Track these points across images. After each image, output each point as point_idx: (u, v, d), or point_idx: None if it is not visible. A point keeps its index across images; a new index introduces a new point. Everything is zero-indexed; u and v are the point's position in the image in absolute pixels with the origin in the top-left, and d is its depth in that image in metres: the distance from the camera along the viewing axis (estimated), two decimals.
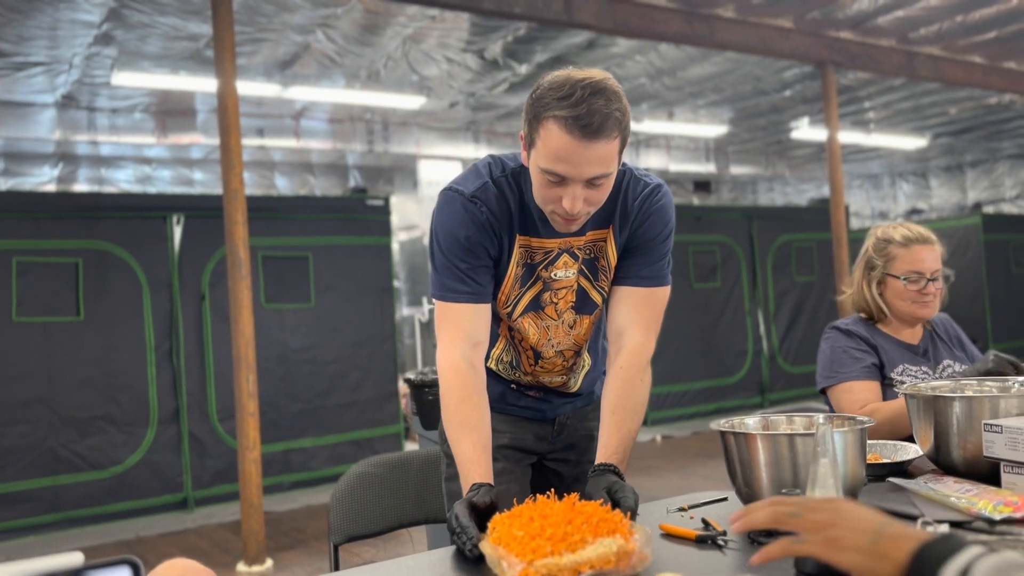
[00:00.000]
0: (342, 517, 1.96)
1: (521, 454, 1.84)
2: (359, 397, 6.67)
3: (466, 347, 1.63)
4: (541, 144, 1.47)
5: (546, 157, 1.47)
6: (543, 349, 1.75)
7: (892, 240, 2.36)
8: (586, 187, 1.49)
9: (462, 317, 1.63)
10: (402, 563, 1.41)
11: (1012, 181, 13.21)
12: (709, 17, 6.24)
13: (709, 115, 9.62)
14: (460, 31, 6.41)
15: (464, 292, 1.63)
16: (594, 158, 1.45)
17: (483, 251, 1.63)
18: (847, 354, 2.29)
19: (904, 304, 2.32)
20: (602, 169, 1.47)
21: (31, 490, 5.48)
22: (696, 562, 1.28)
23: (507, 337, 1.77)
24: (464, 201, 1.61)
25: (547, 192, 1.52)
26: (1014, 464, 1.48)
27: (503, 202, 1.63)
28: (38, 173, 8.89)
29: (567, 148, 1.44)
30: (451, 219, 1.62)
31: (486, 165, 1.66)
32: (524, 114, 1.53)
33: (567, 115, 1.42)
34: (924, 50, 7.44)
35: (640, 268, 1.70)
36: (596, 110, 1.42)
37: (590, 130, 1.42)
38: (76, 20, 5.66)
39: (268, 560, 4.70)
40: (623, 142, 1.50)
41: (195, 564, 1.09)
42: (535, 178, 1.54)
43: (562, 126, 1.43)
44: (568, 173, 1.47)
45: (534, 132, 1.49)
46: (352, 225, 6.77)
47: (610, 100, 1.44)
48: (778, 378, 9.44)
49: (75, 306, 5.74)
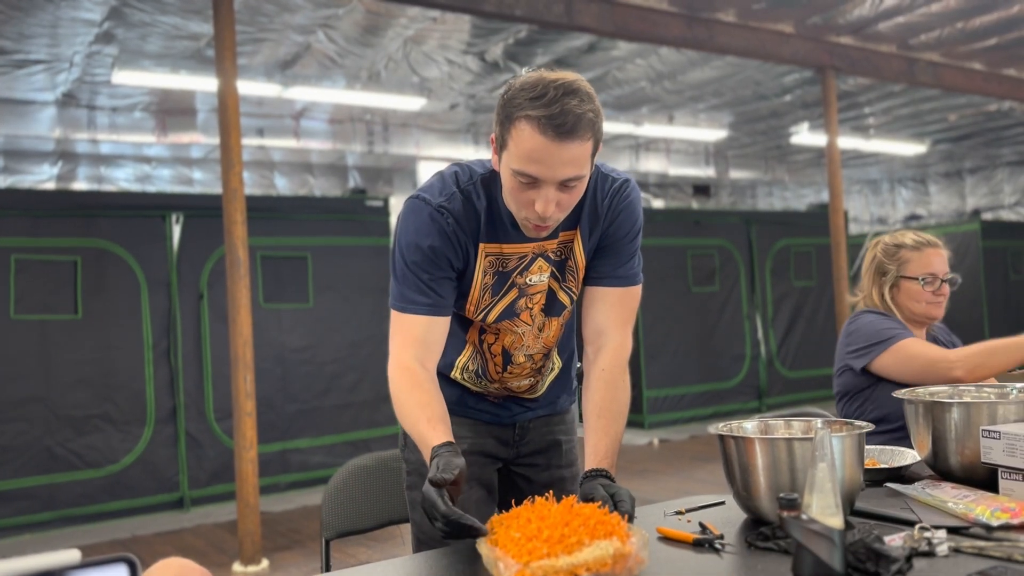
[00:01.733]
0: (334, 513, 1.97)
1: (484, 459, 1.78)
2: (356, 398, 6.67)
3: (418, 351, 1.60)
4: (513, 145, 1.44)
5: (519, 158, 1.44)
6: (515, 354, 1.72)
7: (904, 245, 2.41)
8: (559, 190, 1.46)
9: (416, 328, 1.59)
10: (398, 564, 1.41)
11: (1011, 188, 13.23)
12: (710, 21, 6.25)
13: (709, 119, 9.63)
14: (461, 33, 6.41)
15: (423, 304, 1.59)
16: (567, 159, 1.42)
17: (446, 263, 1.59)
18: (888, 322, 2.32)
19: (919, 306, 2.36)
20: (575, 171, 1.45)
21: (27, 488, 5.48)
22: (693, 565, 1.28)
23: (475, 344, 1.73)
24: (431, 211, 1.57)
25: (519, 196, 1.49)
26: (1012, 470, 1.48)
27: (470, 211, 1.59)
28: (37, 171, 8.88)
29: (540, 149, 1.41)
30: (416, 228, 1.57)
31: (452, 174, 1.62)
32: (495, 116, 1.49)
33: (540, 115, 1.39)
34: (924, 56, 7.45)
35: (615, 268, 1.68)
36: (569, 110, 1.39)
37: (563, 130, 1.39)
38: (77, 18, 5.66)
39: (264, 560, 4.69)
40: (596, 144, 1.48)
41: (191, 563, 1.09)
42: (507, 182, 1.50)
43: (535, 126, 1.40)
44: (541, 174, 1.43)
45: (506, 133, 1.46)
46: (351, 226, 6.77)
47: (583, 101, 1.41)
48: (776, 382, 9.44)
49: (73, 304, 5.73)
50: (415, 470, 1.75)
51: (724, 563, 1.28)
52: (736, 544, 1.37)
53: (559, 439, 1.86)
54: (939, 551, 1.24)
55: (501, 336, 1.69)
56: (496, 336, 1.70)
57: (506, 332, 1.69)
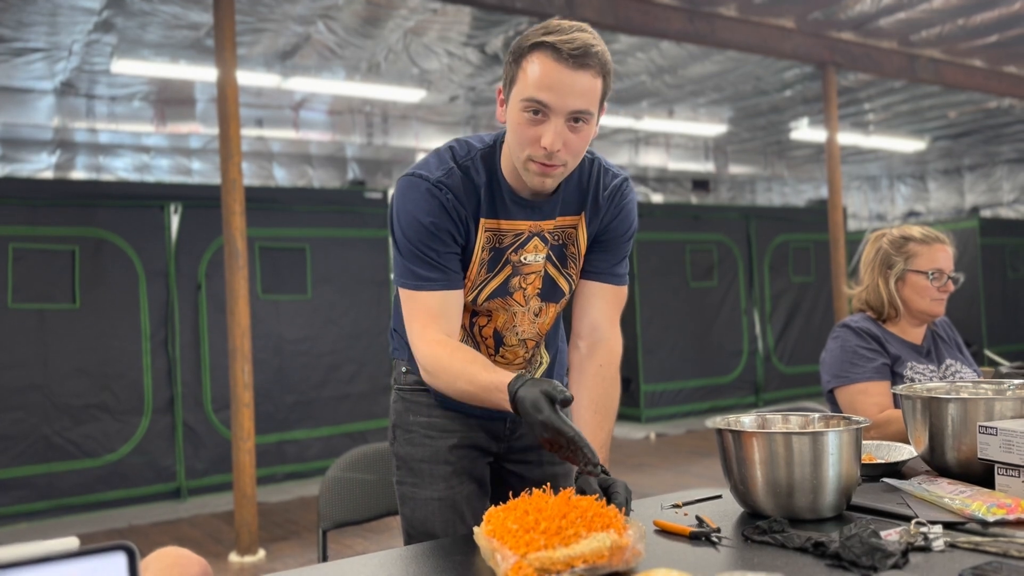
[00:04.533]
0: (331, 504, 1.97)
1: (475, 453, 1.75)
2: (354, 390, 6.67)
3: (441, 325, 1.56)
4: (524, 77, 1.46)
5: (531, 85, 1.44)
6: (507, 336, 1.69)
7: (912, 238, 2.39)
8: (567, 125, 1.46)
9: (433, 304, 1.56)
10: (394, 554, 1.41)
11: (1010, 185, 13.23)
12: (711, 16, 6.24)
13: (709, 114, 9.62)
14: (461, 25, 6.40)
15: (435, 280, 1.56)
16: (579, 89, 1.44)
17: (450, 238, 1.56)
18: (857, 354, 2.30)
19: (923, 301, 2.34)
20: (585, 104, 1.45)
21: (24, 477, 5.48)
22: (689, 558, 1.29)
23: (466, 328, 1.70)
24: (428, 187, 1.55)
25: (527, 132, 1.47)
26: (1008, 466, 1.48)
27: (469, 186, 1.57)
28: (36, 160, 8.86)
29: (553, 74, 1.43)
30: (415, 205, 1.55)
31: (449, 150, 1.60)
32: (505, 64, 1.52)
33: (555, 41, 1.42)
34: (925, 53, 7.45)
35: (612, 265, 1.69)
36: (584, 41, 1.43)
37: (577, 56, 1.42)
38: (76, 7, 5.64)
39: (261, 551, 4.70)
40: (605, 89, 1.49)
41: (187, 552, 1.10)
42: (513, 119, 1.49)
43: (549, 53, 1.43)
44: (552, 102, 1.43)
45: (517, 68, 1.48)
46: (350, 217, 6.76)
47: (595, 39, 1.46)
48: (773, 378, 9.45)
49: (71, 294, 5.73)
50: (404, 464, 1.75)
51: (720, 556, 1.29)
52: (733, 537, 1.37)
53: None
54: (935, 546, 1.25)
55: (493, 318, 1.68)
56: (488, 318, 1.68)
57: (499, 312, 1.67)
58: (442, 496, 1.69)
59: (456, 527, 1.68)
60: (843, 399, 2.29)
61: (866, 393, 2.24)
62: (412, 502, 1.72)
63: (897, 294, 2.37)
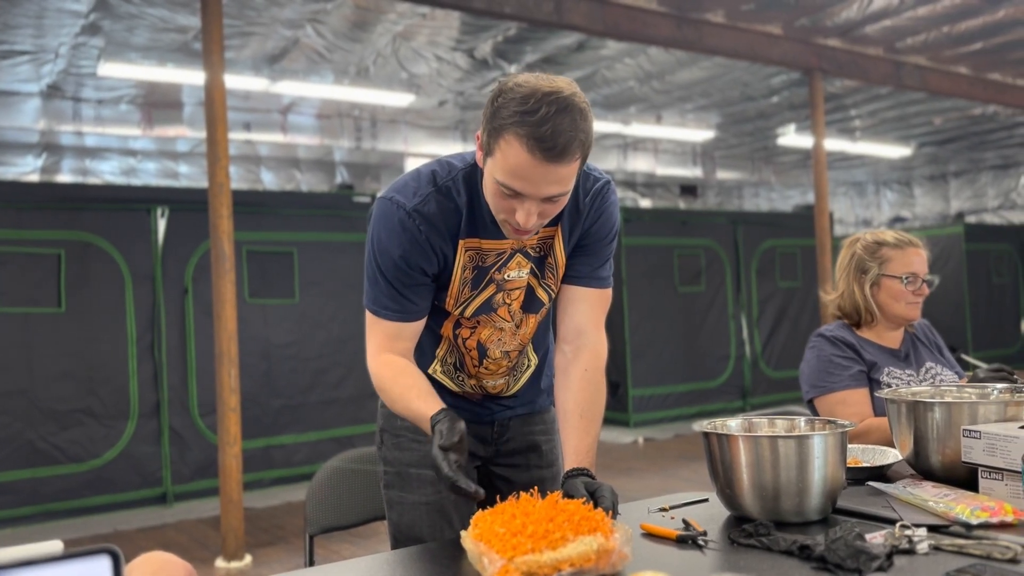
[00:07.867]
0: (318, 509, 1.96)
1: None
2: (341, 394, 6.65)
3: (393, 345, 1.62)
4: (500, 156, 1.41)
5: (504, 171, 1.41)
6: (490, 348, 1.70)
7: (885, 243, 2.39)
8: (542, 203, 1.45)
9: (390, 329, 1.62)
10: (381, 559, 1.41)
11: (995, 191, 13.34)
12: (698, 22, 6.27)
13: (697, 119, 9.66)
14: (450, 30, 6.40)
15: (393, 311, 1.60)
16: (554, 179, 1.40)
17: (419, 270, 1.57)
18: (832, 363, 2.30)
19: (898, 305, 2.34)
20: (560, 189, 1.43)
21: (9, 482, 5.43)
22: (676, 561, 1.29)
23: (449, 339, 1.71)
24: (402, 216, 1.54)
25: (501, 203, 1.46)
26: (992, 470, 1.49)
27: (448, 210, 1.56)
28: (21, 163, 8.81)
29: (526, 167, 1.38)
30: (387, 235, 1.55)
31: (430, 173, 1.58)
32: (483, 118, 1.45)
33: (530, 134, 1.35)
34: (911, 60, 7.51)
35: (594, 269, 1.69)
36: (561, 131, 1.36)
37: (553, 153, 1.36)
38: (63, 9, 5.61)
39: (247, 556, 4.68)
40: (584, 159, 1.47)
41: (173, 557, 1.09)
42: (489, 186, 1.48)
43: (523, 144, 1.36)
44: (525, 191, 1.41)
45: (493, 142, 1.42)
46: (338, 222, 6.74)
47: (576, 120, 1.38)
48: (760, 382, 9.48)
49: (56, 297, 5.69)
50: (392, 469, 1.75)
51: (707, 559, 1.29)
52: (719, 541, 1.38)
53: (538, 440, 1.85)
54: (919, 549, 1.25)
55: (477, 330, 1.68)
56: (472, 330, 1.69)
57: (484, 326, 1.68)
58: (429, 500, 1.69)
59: (443, 531, 1.68)
60: (823, 409, 2.29)
61: (845, 403, 2.24)
62: (399, 506, 1.72)
63: (872, 299, 2.36)
